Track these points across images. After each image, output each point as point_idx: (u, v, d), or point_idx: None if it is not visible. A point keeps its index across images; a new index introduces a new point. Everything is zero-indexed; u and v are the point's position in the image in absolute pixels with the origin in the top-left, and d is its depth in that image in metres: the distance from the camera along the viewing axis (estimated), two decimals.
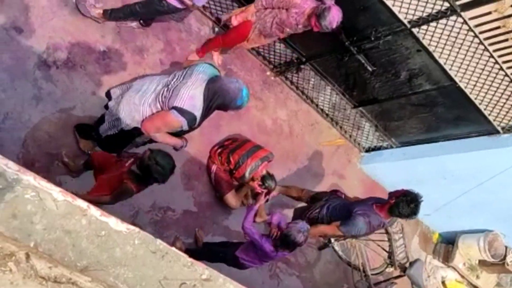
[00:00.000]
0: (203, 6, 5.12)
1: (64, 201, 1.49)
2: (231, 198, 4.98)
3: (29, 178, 1.45)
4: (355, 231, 4.46)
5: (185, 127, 3.35)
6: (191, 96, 3.22)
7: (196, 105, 3.25)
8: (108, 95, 3.78)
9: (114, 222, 1.57)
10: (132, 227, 1.61)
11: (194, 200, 4.95)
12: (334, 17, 4.26)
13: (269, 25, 4.63)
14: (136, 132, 3.57)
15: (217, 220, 5.09)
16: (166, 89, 3.35)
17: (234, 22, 4.72)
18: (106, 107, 3.79)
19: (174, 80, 3.38)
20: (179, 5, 4.27)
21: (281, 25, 4.58)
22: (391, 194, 4.34)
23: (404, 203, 4.15)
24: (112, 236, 1.56)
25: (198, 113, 3.28)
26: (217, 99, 3.32)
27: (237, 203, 5.04)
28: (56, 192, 1.48)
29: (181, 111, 3.22)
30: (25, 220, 1.44)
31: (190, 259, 1.73)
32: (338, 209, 4.64)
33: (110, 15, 4.44)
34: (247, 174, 4.78)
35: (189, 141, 4.95)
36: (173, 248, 1.68)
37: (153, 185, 3.61)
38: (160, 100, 3.34)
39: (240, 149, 4.92)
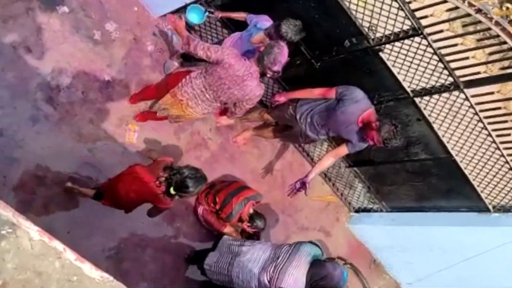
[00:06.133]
0: None
1: (40, 241, 1.45)
2: (230, 231, 4.87)
3: (8, 214, 1.41)
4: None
5: None
6: (295, 279, 3.79)
7: (299, 287, 3.80)
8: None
9: (88, 268, 1.53)
10: (106, 275, 1.56)
11: (175, 240, 4.86)
12: None
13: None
14: None
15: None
16: (274, 267, 3.95)
17: None
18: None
19: (280, 259, 3.98)
20: None
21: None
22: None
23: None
24: (84, 282, 1.51)
25: None
26: (322, 284, 3.81)
27: (237, 232, 4.96)
28: (33, 231, 1.44)
29: None
30: None
31: None
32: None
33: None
34: (233, 213, 4.68)
35: None
36: None
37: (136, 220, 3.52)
38: (268, 275, 3.95)
39: (226, 189, 4.83)
